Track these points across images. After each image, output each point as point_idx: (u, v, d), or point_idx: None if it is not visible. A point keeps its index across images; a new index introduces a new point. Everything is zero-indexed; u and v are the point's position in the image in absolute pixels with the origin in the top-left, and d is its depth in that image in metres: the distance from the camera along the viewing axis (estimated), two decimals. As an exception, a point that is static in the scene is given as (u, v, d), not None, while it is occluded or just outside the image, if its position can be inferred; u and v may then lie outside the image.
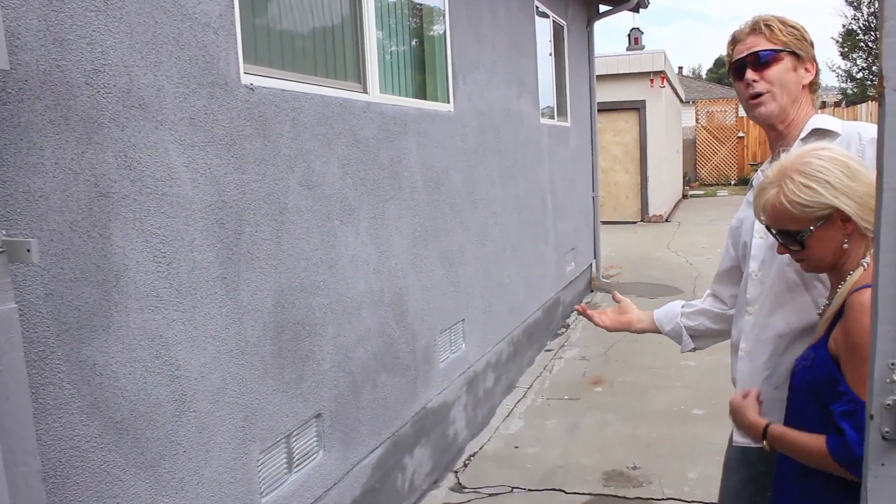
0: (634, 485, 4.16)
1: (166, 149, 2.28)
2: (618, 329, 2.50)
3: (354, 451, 3.43)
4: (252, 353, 2.69)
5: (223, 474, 2.55)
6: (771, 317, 2.01)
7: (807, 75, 2.04)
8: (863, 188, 1.64)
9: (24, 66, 1.82)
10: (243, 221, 2.64)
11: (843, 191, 1.64)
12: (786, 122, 2.05)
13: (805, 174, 1.67)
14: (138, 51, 2.17)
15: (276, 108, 2.83)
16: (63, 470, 1.94)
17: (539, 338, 6.86)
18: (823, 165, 1.66)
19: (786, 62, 2.00)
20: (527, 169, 6.44)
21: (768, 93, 2.01)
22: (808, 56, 2.04)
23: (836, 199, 1.65)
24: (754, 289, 2.06)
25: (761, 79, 2.01)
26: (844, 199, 1.64)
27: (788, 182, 1.69)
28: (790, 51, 2.00)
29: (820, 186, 1.65)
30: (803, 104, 2.06)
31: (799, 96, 2.04)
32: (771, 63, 2.00)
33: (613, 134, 16.51)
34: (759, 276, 2.05)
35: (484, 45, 5.36)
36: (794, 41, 2.01)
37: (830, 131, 2.00)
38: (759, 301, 2.05)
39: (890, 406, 0.94)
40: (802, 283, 1.95)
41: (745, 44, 2.04)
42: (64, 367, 1.94)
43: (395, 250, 3.84)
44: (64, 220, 1.93)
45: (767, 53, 2.00)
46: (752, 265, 2.07)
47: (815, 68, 2.05)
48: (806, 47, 2.03)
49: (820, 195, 1.65)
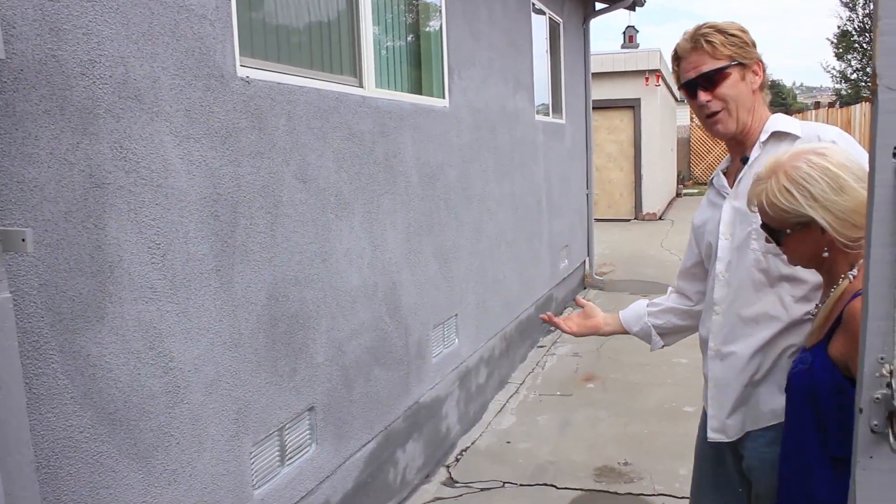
0: (626, 481, 4.18)
1: (162, 140, 2.28)
2: (585, 334, 2.51)
3: (347, 444, 3.43)
4: (246, 345, 2.69)
5: (216, 466, 2.55)
6: (738, 316, 2.04)
7: (756, 79, 2.04)
8: (848, 203, 1.61)
9: (19, 56, 1.82)
10: (238, 214, 2.64)
11: (823, 203, 1.62)
12: (745, 131, 2.07)
13: (790, 178, 1.66)
14: (134, 42, 2.17)
15: (271, 101, 2.83)
16: (56, 460, 1.94)
17: (532, 334, 6.88)
18: (809, 174, 1.63)
19: (734, 75, 2.00)
20: (522, 166, 6.45)
21: (724, 110, 2.02)
22: (754, 60, 2.03)
23: (812, 210, 1.63)
24: (721, 289, 2.08)
25: (714, 97, 2.01)
26: (822, 211, 1.62)
27: (773, 181, 1.68)
28: (736, 63, 2.00)
29: (799, 194, 1.64)
30: (758, 108, 2.07)
31: (752, 105, 2.05)
32: (720, 80, 2.00)
33: (608, 132, 16.53)
34: (725, 276, 2.07)
35: (480, 41, 5.36)
36: (737, 51, 2.00)
37: (790, 134, 2.01)
38: (727, 301, 2.07)
39: (879, 400, 0.95)
40: (768, 282, 1.97)
41: (690, 62, 2.04)
42: (58, 357, 1.94)
43: (390, 245, 3.84)
44: (58, 211, 1.93)
45: (714, 72, 1.99)
46: (719, 266, 2.09)
47: (761, 69, 2.05)
48: (749, 52, 2.02)
49: (797, 203, 1.64)
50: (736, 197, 2.06)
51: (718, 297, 2.09)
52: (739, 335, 2.03)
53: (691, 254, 2.31)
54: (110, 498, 2.11)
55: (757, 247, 1.98)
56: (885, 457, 0.97)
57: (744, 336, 2.02)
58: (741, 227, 2.03)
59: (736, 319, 2.04)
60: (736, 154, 2.12)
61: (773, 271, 1.96)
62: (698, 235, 2.25)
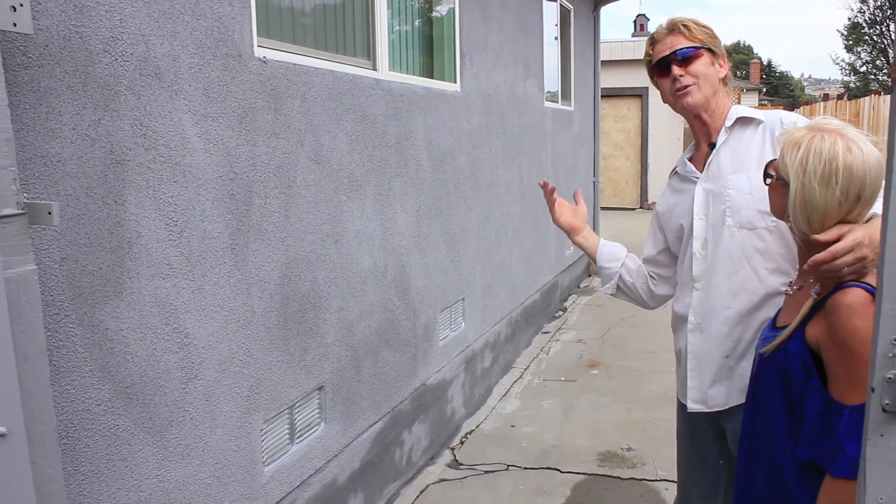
0: (629, 466, 4.22)
1: (180, 118, 2.30)
2: (563, 228, 2.58)
3: (354, 424, 3.47)
4: (258, 323, 2.73)
5: (228, 442, 2.59)
6: (717, 290, 2.16)
7: (721, 70, 2.23)
8: (819, 199, 1.63)
9: (44, 32, 1.84)
10: (253, 193, 2.67)
11: (804, 181, 1.64)
12: (709, 111, 2.22)
13: (808, 138, 1.67)
14: (156, 20, 2.19)
15: (287, 81, 2.85)
16: (75, 432, 1.98)
17: (537, 320, 6.91)
18: (820, 151, 1.64)
19: (705, 58, 2.19)
20: (530, 152, 6.46)
21: (694, 84, 2.18)
22: (721, 53, 2.24)
23: (793, 177, 1.66)
24: (699, 266, 2.21)
25: (686, 73, 2.18)
26: (797, 185, 1.65)
27: (806, 133, 1.69)
28: (707, 48, 2.19)
29: (798, 157, 1.66)
30: (721, 96, 2.24)
31: (718, 89, 2.22)
32: (693, 59, 2.18)
33: (615, 120, 16.51)
34: (703, 254, 2.20)
35: (491, 25, 5.36)
36: (709, 39, 2.20)
37: (754, 118, 2.19)
38: (706, 277, 2.19)
39: (891, 379, 0.98)
40: (743, 256, 2.10)
41: (666, 43, 2.23)
42: (77, 330, 1.97)
43: (400, 227, 3.87)
44: (80, 186, 1.96)
45: (690, 50, 2.19)
46: (696, 245, 2.21)
47: (726, 64, 2.25)
48: (718, 45, 2.23)
49: (791, 161, 1.67)
50: (707, 179, 2.20)
51: (697, 273, 2.21)
52: (719, 308, 2.15)
53: (656, 241, 2.45)
54: (126, 470, 2.15)
55: (732, 223, 2.11)
56: (894, 435, 1.00)
57: (723, 309, 2.14)
58: (715, 206, 2.16)
59: (715, 294, 2.16)
60: (703, 139, 2.27)
61: (746, 246, 2.09)
62: (664, 221, 2.39)
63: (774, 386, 1.75)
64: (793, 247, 1.99)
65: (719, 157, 2.18)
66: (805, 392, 1.65)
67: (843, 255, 1.58)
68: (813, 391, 1.63)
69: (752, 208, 2.06)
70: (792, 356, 1.69)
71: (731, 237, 2.11)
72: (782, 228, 2.00)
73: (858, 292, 1.57)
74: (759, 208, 2.03)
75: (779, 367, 1.73)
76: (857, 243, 1.58)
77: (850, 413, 1.54)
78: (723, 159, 2.17)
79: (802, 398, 1.66)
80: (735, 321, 2.12)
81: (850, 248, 1.58)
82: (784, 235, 2.03)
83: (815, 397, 1.62)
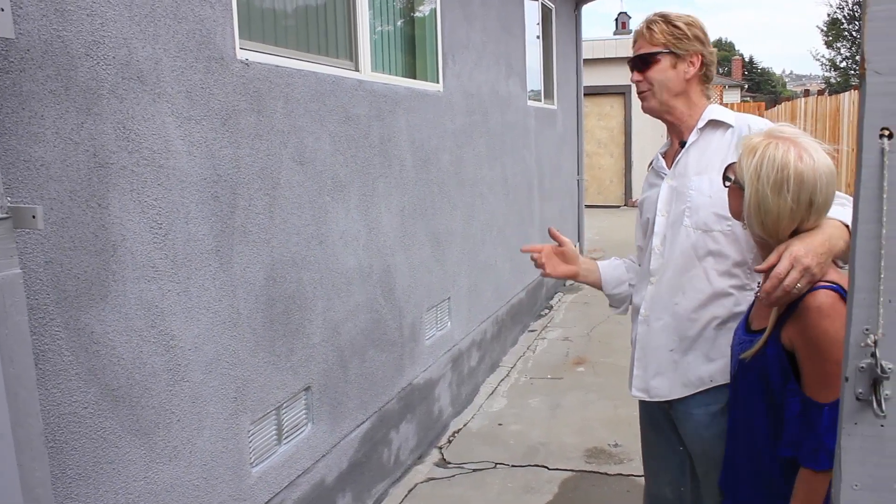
0: (615, 462, 4.25)
1: (163, 121, 2.31)
2: (561, 278, 2.59)
3: (342, 424, 3.48)
4: (244, 325, 2.73)
5: (215, 444, 2.60)
6: (669, 286, 2.21)
7: (690, 69, 2.20)
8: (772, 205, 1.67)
9: (26, 36, 1.84)
10: (237, 195, 2.67)
11: (757, 187, 1.69)
12: (673, 114, 2.25)
13: (764, 148, 1.71)
14: (137, 23, 2.20)
15: (270, 83, 2.86)
16: (62, 435, 1.98)
17: (523, 318, 6.94)
18: (774, 158, 1.68)
19: (663, 63, 2.19)
20: (514, 151, 6.49)
21: (648, 90, 2.22)
22: (691, 52, 2.19)
23: (748, 182, 1.71)
24: (656, 261, 2.25)
25: (643, 78, 2.22)
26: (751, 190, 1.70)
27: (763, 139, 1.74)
28: (668, 51, 2.18)
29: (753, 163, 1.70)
30: (693, 95, 2.24)
31: (685, 90, 2.22)
32: (650, 64, 2.20)
33: (598, 118, 16.58)
34: (661, 250, 2.24)
35: (473, 25, 5.38)
36: (672, 41, 2.17)
37: (724, 122, 2.19)
38: (660, 272, 2.24)
39: (864, 369, 1.00)
40: (696, 256, 2.14)
41: (636, 44, 2.26)
42: (63, 334, 1.97)
43: (384, 227, 3.88)
44: (64, 189, 1.96)
45: (647, 55, 2.20)
46: (656, 241, 2.26)
47: (699, 61, 2.21)
48: (687, 45, 2.18)
49: (746, 167, 1.72)
50: (673, 177, 2.24)
51: (654, 268, 2.26)
52: (668, 304, 2.20)
53: (641, 231, 2.48)
54: (113, 472, 2.15)
55: (689, 223, 2.15)
56: (868, 423, 1.02)
57: (671, 305, 2.19)
58: (676, 205, 2.20)
59: (666, 289, 2.21)
60: (675, 137, 2.30)
61: (700, 247, 2.13)
62: (640, 211, 2.44)
63: (755, 388, 1.80)
64: (746, 251, 2.04)
65: (687, 157, 2.21)
66: (784, 394, 1.70)
67: (786, 276, 1.63)
68: (791, 393, 1.68)
69: (709, 210, 2.10)
70: (770, 360, 1.74)
71: (686, 236, 2.15)
72: (737, 232, 2.05)
73: (827, 293, 1.63)
74: (716, 211, 2.08)
75: (758, 371, 1.78)
76: (795, 259, 1.64)
77: (828, 410, 1.59)
78: (690, 159, 2.20)
79: (782, 400, 1.71)
80: (681, 317, 2.17)
81: (790, 266, 1.64)
82: (738, 239, 2.07)
83: (794, 399, 1.68)
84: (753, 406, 1.81)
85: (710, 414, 2.14)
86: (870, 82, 0.94)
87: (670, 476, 2.39)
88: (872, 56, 0.93)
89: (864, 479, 1.04)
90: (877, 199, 0.95)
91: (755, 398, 1.80)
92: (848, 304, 1.02)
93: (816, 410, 1.61)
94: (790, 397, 1.68)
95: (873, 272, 0.97)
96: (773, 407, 1.74)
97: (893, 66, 0.92)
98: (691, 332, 2.16)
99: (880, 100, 0.94)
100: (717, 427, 2.09)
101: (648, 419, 2.44)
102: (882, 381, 0.99)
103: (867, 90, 0.94)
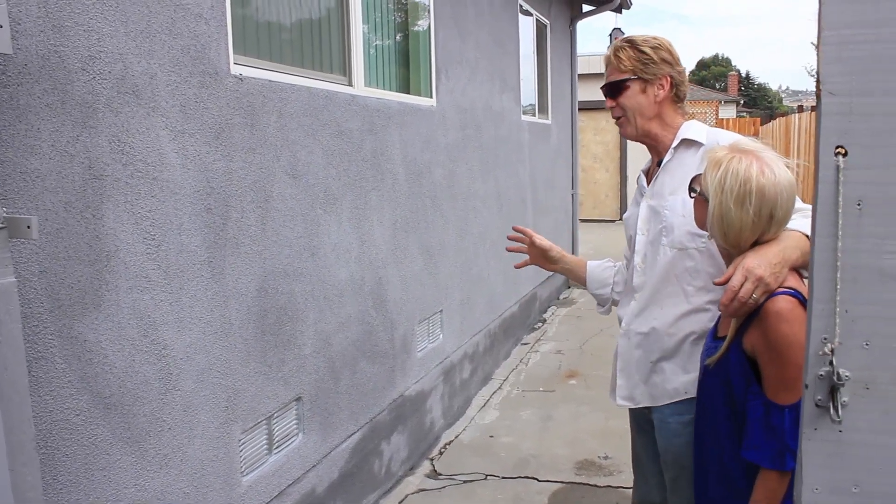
0: (605, 474, 4.28)
1: (158, 135, 2.35)
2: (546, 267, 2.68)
3: (333, 435, 3.51)
4: (236, 335, 2.77)
5: (206, 452, 2.63)
6: (649, 301, 2.29)
7: (660, 92, 2.25)
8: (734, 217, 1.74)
9: (24, 51, 1.89)
10: (230, 207, 2.72)
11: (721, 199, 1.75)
12: (650, 136, 2.31)
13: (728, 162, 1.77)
14: (133, 39, 2.25)
15: (263, 98, 2.91)
16: (53, 441, 2.01)
17: (516, 332, 6.97)
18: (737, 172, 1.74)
19: (633, 88, 2.25)
20: (507, 165, 6.54)
21: (623, 117, 2.29)
22: (659, 75, 2.23)
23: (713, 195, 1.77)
24: (639, 278, 2.33)
25: (616, 104, 2.29)
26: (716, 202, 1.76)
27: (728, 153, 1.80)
28: (637, 77, 2.23)
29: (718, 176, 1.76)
30: (666, 116, 2.29)
31: (658, 113, 2.27)
32: (621, 91, 2.27)
33: (594, 133, 16.67)
34: (642, 267, 2.32)
35: (467, 41, 5.45)
36: (639, 66, 2.23)
37: (696, 141, 2.24)
38: (642, 289, 2.32)
39: (822, 376, 1.05)
40: (674, 273, 2.22)
41: (607, 71, 2.32)
42: (56, 342, 2.01)
43: (377, 240, 3.93)
44: (59, 201, 2.01)
45: (616, 83, 2.26)
46: (637, 259, 2.34)
47: (669, 83, 2.25)
48: (654, 69, 2.23)
49: (711, 180, 1.78)
50: (651, 196, 2.31)
51: (637, 284, 2.34)
52: (648, 318, 2.28)
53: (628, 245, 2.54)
54: (104, 480, 2.18)
55: (665, 242, 2.22)
56: (827, 428, 1.07)
57: (651, 319, 2.27)
58: (654, 224, 2.27)
59: (646, 305, 2.29)
60: (654, 156, 2.38)
61: (677, 264, 2.21)
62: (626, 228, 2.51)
63: (718, 393, 1.87)
64: (723, 267, 2.09)
65: (663, 176, 2.28)
66: (746, 398, 1.75)
67: (740, 288, 1.71)
68: (752, 396, 1.74)
69: (683, 229, 2.17)
70: (732, 365, 1.80)
71: (664, 255, 2.23)
72: (712, 249, 2.10)
73: (786, 299, 1.69)
74: (689, 230, 2.14)
75: (721, 376, 1.84)
76: (748, 271, 1.72)
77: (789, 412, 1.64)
78: (666, 178, 2.27)
79: (744, 404, 1.77)
80: (659, 332, 2.25)
81: (744, 279, 1.71)
82: (713, 255, 2.12)
83: (755, 402, 1.74)
84: (717, 410, 1.87)
85: (682, 423, 2.22)
86: (825, 102, 0.99)
87: (657, 479, 2.45)
88: (827, 78, 0.98)
89: (825, 482, 1.08)
90: (833, 214, 1.00)
91: (718, 402, 1.86)
92: (808, 314, 1.06)
93: (778, 413, 1.67)
94: (752, 400, 1.74)
95: (830, 283, 1.02)
96: (735, 411, 1.80)
97: (846, 88, 0.97)
98: (669, 345, 2.24)
99: (835, 119, 0.99)
100: (688, 436, 2.17)
101: (636, 425, 2.51)
102: (839, 389, 1.04)
103: (822, 110, 0.99)
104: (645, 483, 2.53)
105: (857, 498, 1.07)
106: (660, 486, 2.44)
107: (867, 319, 1.02)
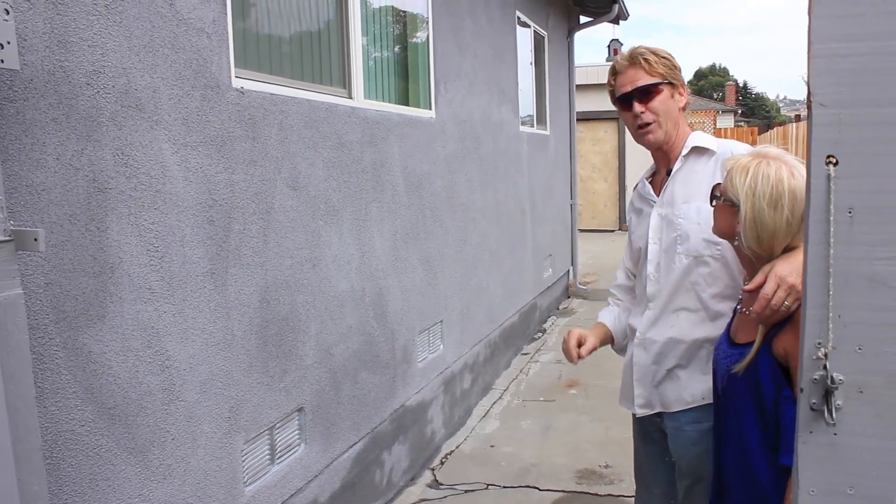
0: (606, 482, 4.29)
1: (161, 148, 2.38)
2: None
3: (334, 445, 3.53)
4: (238, 346, 2.79)
5: (209, 463, 2.64)
6: (665, 310, 2.29)
7: (681, 99, 2.29)
8: (769, 220, 1.76)
9: (30, 67, 1.92)
10: (232, 219, 2.74)
11: (753, 202, 1.77)
12: (670, 143, 2.31)
13: (755, 167, 1.79)
14: (136, 53, 2.28)
15: (264, 111, 2.94)
16: (59, 451, 2.03)
17: (516, 341, 6.99)
18: (767, 176, 1.77)
19: (665, 92, 2.25)
20: (506, 176, 6.58)
21: (655, 122, 2.26)
22: (680, 82, 2.28)
23: (743, 199, 1.78)
24: (652, 287, 2.33)
25: (647, 110, 2.24)
26: (748, 206, 1.78)
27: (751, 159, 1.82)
28: (667, 81, 2.24)
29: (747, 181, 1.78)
30: (681, 124, 2.32)
31: (677, 119, 2.30)
32: (653, 95, 2.23)
33: (593, 143, 16.73)
34: (655, 276, 2.32)
35: (465, 53, 5.49)
36: (668, 71, 2.24)
37: (708, 149, 2.26)
38: (657, 298, 2.32)
39: (817, 381, 1.07)
40: (690, 281, 2.23)
41: (627, 76, 2.27)
42: (61, 353, 2.03)
43: (377, 251, 3.95)
44: (64, 213, 2.03)
45: (650, 86, 2.23)
46: (650, 268, 2.33)
47: (685, 91, 2.31)
48: (677, 75, 2.27)
49: (740, 185, 1.79)
50: (662, 205, 2.31)
51: (651, 293, 2.33)
52: (663, 327, 2.29)
53: (629, 255, 2.56)
54: (108, 490, 2.20)
55: (681, 250, 2.22)
56: (822, 432, 1.09)
57: (667, 327, 2.28)
58: (668, 233, 2.27)
59: (661, 313, 2.30)
60: (662, 165, 2.37)
61: (693, 272, 2.21)
62: (629, 240, 2.53)
63: (746, 399, 1.85)
64: (737, 273, 2.11)
65: (674, 185, 2.28)
66: (777, 402, 1.75)
67: (773, 296, 1.72)
68: (786, 401, 1.74)
69: (699, 237, 2.17)
70: (763, 371, 1.79)
71: (679, 263, 2.23)
72: (727, 256, 2.12)
73: None
74: (705, 237, 2.15)
75: (750, 382, 1.83)
76: (780, 278, 1.73)
77: None
78: (677, 187, 2.27)
79: (776, 409, 1.77)
80: (676, 340, 2.26)
81: (776, 286, 1.72)
82: (728, 263, 2.14)
83: (789, 406, 1.73)
84: (745, 416, 1.86)
85: (699, 431, 2.22)
86: (816, 114, 1.01)
87: (661, 489, 2.46)
88: (817, 90, 1.01)
89: (820, 484, 1.10)
90: (824, 222, 1.03)
91: (747, 408, 1.85)
92: (802, 319, 1.09)
93: None
94: (785, 405, 1.74)
95: (823, 289, 1.04)
96: (765, 416, 1.80)
97: (836, 99, 1.00)
98: (686, 352, 2.25)
99: (826, 130, 1.01)
100: (705, 444, 2.16)
101: (643, 434, 2.51)
102: (833, 392, 1.06)
103: (814, 121, 1.02)
104: (648, 493, 2.53)
105: (851, 500, 1.09)
106: (663, 495, 2.45)
107: (859, 324, 1.05)
